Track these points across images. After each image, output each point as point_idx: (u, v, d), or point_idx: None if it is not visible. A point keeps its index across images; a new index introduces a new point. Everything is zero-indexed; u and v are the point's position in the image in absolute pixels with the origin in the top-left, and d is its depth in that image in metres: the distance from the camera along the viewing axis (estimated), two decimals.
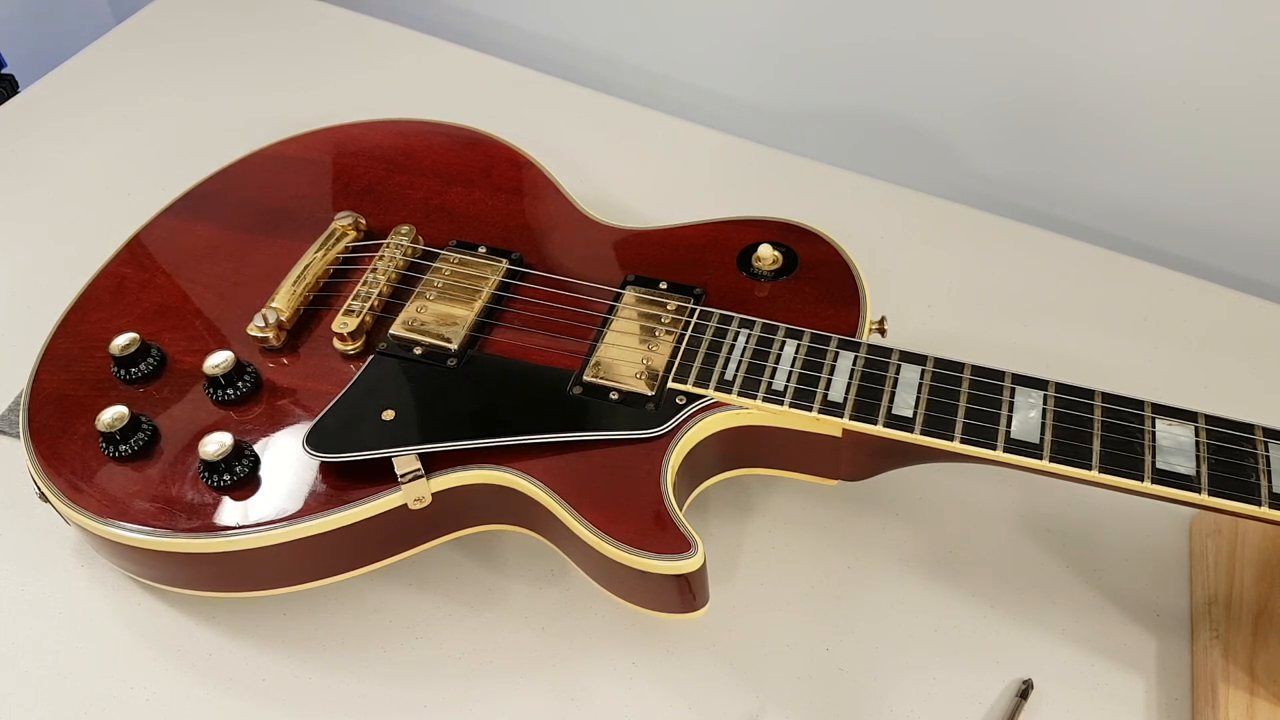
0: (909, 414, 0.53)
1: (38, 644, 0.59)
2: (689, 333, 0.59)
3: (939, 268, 0.76)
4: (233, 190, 0.71)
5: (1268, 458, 0.49)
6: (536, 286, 0.63)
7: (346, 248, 0.66)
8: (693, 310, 0.60)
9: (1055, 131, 0.80)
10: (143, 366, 0.60)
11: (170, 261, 0.67)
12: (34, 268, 0.78)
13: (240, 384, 0.58)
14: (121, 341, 0.60)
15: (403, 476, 0.53)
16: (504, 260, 0.64)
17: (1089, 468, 0.50)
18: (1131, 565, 0.60)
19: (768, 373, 0.56)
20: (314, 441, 0.55)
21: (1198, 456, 0.50)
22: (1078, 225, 0.84)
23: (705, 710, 0.56)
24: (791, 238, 0.64)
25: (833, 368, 0.55)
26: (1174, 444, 0.50)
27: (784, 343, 0.57)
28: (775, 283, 0.62)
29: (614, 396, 0.56)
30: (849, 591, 0.60)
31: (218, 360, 0.58)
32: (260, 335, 0.61)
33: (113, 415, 0.56)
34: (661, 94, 0.96)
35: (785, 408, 0.54)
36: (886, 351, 0.56)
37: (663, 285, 0.62)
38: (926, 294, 0.74)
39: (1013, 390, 0.53)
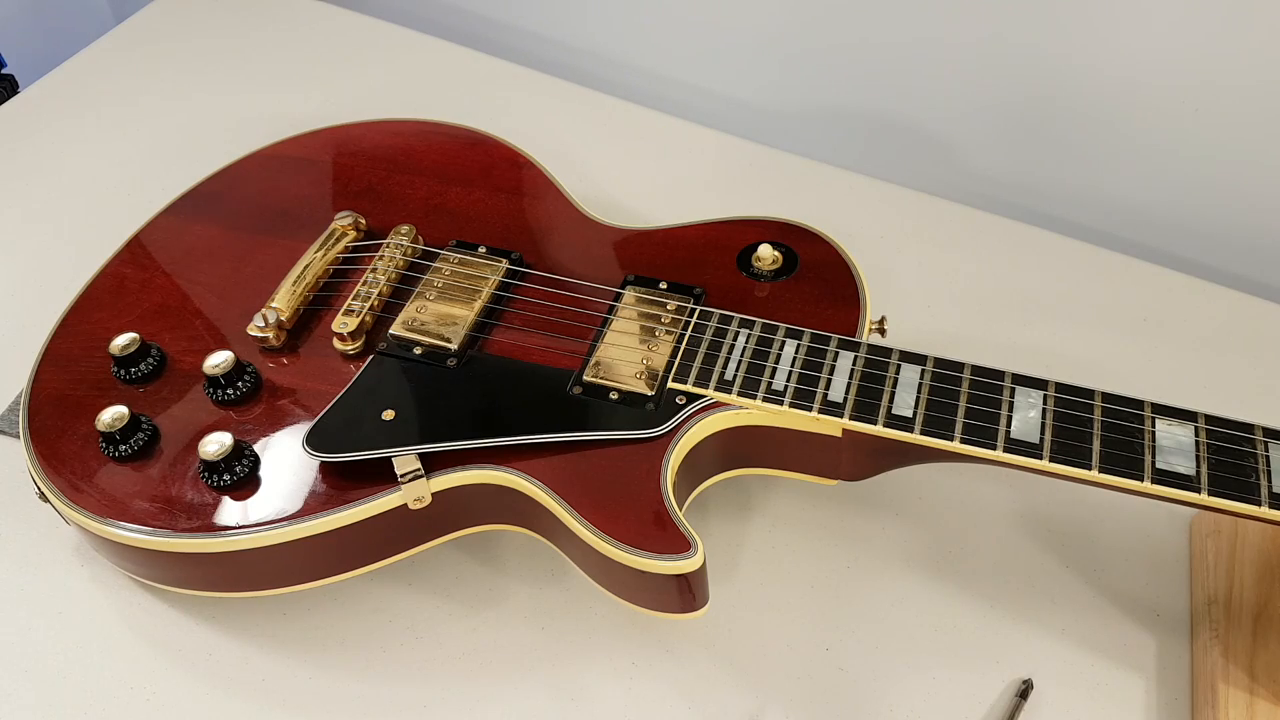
0: (909, 414, 0.53)
1: (38, 644, 0.59)
2: (689, 333, 0.59)
3: (939, 268, 0.76)
4: (233, 190, 0.71)
5: (1267, 458, 0.49)
6: (536, 286, 0.63)
7: (346, 248, 0.66)
8: (693, 310, 0.60)
9: (1055, 132, 0.80)
10: (143, 366, 0.60)
11: (170, 261, 0.67)
12: (34, 268, 0.78)
13: (240, 384, 0.58)
14: (121, 341, 0.60)
15: (403, 476, 0.53)
16: (504, 260, 0.64)
17: (1089, 468, 0.50)
18: (1131, 565, 0.60)
19: (767, 373, 0.56)
20: (314, 441, 0.55)
21: (1197, 456, 0.50)
22: (1078, 225, 0.84)
23: (705, 710, 0.56)
24: (791, 238, 0.64)
25: (833, 368, 0.55)
26: (1174, 444, 0.50)
27: (784, 343, 0.57)
28: (775, 283, 0.62)
29: (614, 396, 0.56)
30: (849, 591, 0.60)
31: (218, 360, 0.58)
32: (260, 335, 0.61)
33: (113, 415, 0.56)
34: (661, 94, 0.96)
35: (785, 408, 0.54)
36: (886, 351, 0.56)
37: (663, 285, 0.62)
38: (926, 294, 0.74)
39: (1013, 390, 0.53)
